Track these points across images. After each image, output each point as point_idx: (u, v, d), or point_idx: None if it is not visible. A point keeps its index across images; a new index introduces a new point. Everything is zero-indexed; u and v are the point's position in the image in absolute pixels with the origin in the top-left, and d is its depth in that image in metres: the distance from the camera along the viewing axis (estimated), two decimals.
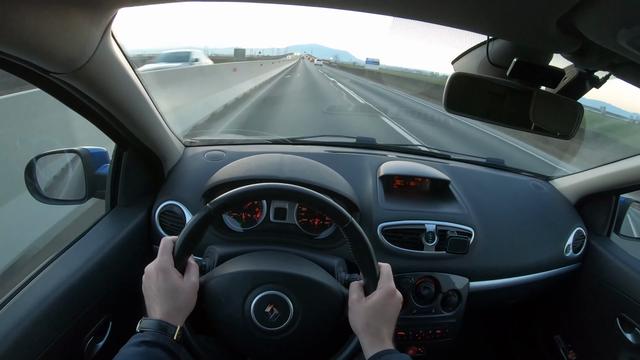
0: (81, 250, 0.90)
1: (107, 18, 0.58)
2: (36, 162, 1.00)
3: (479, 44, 0.68)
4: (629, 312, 1.15)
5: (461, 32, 0.54)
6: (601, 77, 0.66)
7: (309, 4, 0.48)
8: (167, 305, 0.66)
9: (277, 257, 0.89)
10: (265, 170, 1.05)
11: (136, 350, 0.59)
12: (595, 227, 1.33)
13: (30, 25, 0.47)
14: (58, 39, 0.52)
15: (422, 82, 21.69)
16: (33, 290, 0.77)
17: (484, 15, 0.44)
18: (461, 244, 1.06)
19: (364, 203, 1.11)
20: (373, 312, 0.69)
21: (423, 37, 0.57)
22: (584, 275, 1.30)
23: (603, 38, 0.43)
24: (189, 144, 1.27)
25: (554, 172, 1.51)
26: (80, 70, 0.60)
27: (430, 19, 0.45)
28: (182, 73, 6.74)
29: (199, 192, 1.06)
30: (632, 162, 1.14)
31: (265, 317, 0.73)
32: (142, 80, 0.83)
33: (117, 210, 1.05)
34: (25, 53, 0.52)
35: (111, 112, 0.78)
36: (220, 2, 0.51)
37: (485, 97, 0.68)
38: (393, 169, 1.23)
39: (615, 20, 0.38)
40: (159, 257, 0.69)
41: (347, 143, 1.48)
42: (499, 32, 0.54)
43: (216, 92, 7.34)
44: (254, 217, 1.09)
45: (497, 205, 1.24)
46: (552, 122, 0.70)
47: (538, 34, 0.46)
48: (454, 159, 1.48)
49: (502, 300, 1.26)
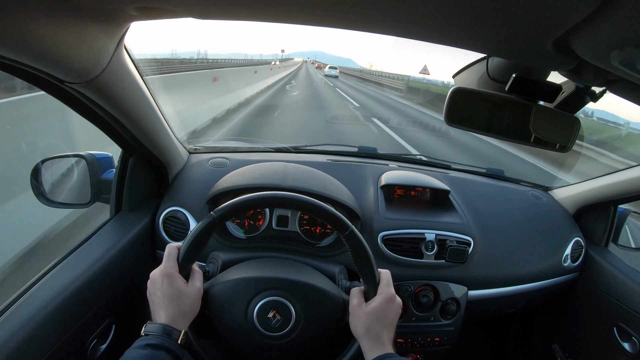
0: (86, 254, 0.92)
1: (120, 31, 0.61)
2: (42, 166, 1.02)
3: (479, 60, 0.70)
4: (627, 322, 1.16)
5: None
6: (598, 92, 0.67)
7: (312, 24, 0.50)
8: (171, 310, 0.67)
9: (279, 264, 0.90)
10: (269, 179, 1.06)
11: (141, 352, 0.61)
12: (594, 237, 1.34)
13: (49, 38, 0.49)
14: (74, 51, 0.54)
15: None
16: (38, 293, 0.78)
17: (482, 36, 0.45)
18: (460, 254, 1.07)
19: (365, 212, 1.12)
20: (373, 317, 0.71)
21: (426, 51, 0.59)
22: (582, 284, 1.31)
23: (597, 58, 0.45)
24: (193, 151, 1.29)
25: (553, 182, 1.53)
26: (94, 81, 0.62)
27: (430, 39, 0.47)
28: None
29: (203, 198, 1.07)
30: (631, 173, 1.16)
31: (268, 322, 0.74)
32: (150, 89, 0.85)
33: (122, 215, 1.06)
34: (43, 64, 0.54)
35: (120, 120, 0.80)
36: (227, 20, 0.53)
37: (485, 111, 0.69)
38: (394, 179, 1.25)
39: (608, 42, 0.40)
40: (164, 263, 0.70)
41: (349, 152, 1.50)
42: (498, 52, 0.56)
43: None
44: (257, 224, 1.11)
45: (496, 215, 1.26)
46: (551, 135, 0.71)
47: (535, 54, 0.48)
48: (454, 169, 1.50)
49: (500, 308, 1.27)
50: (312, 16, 0.49)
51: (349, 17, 0.46)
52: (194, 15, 0.52)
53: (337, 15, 0.47)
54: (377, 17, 0.44)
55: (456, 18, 0.41)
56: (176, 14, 0.53)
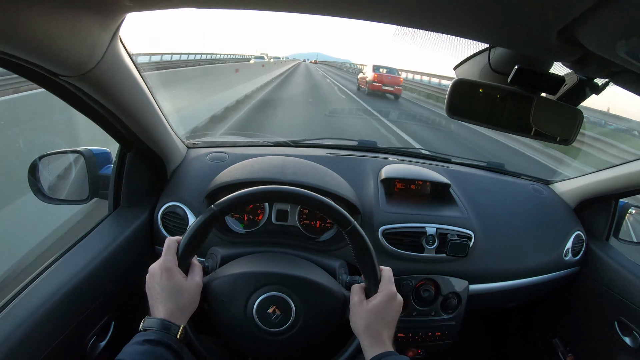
0: (84, 250, 0.91)
1: (115, 23, 0.59)
2: (39, 162, 1.01)
3: (481, 51, 0.69)
4: (628, 316, 1.15)
5: (463, 39, 0.55)
6: (601, 84, 0.66)
7: (312, 12, 0.49)
8: (170, 304, 0.66)
9: (279, 259, 0.89)
10: (268, 173, 1.05)
11: (139, 348, 0.60)
12: (595, 231, 1.34)
13: (41, 30, 0.47)
14: (68, 43, 0.53)
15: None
16: (36, 290, 0.78)
17: (485, 25, 0.44)
18: (461, 247, 1.07)
19: (365, 206, 1.12)
20: (374, 314, 0.70)
21: (426, 43, 0.58)
22: (582, 278, 1.31)
23: (602, 48, 0.44)
24: (191, 146, 1.28)
25: (554, 176, 1.52)
26: (88, 74, 0.61)
27: (433, 28, 0.46)
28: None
29: (202, 193, 1.07)
30: (632, 167, 1.15)
31: (268, 318, 0.73)
32: (147, 83, 0.84)
33: (120, 211, 1.06)
34: (36, 56, 0.53)
35: (117, 114, 0.79)
36: (226, 9, 0.52)
37: (487, 102, 0.69)
38: (394, 172, 1.24)
39: (615, 31, 0.39)
40: (163, 257, 0.69)
41: (349, 146, 1.49)
42: (501, 42, 0.55)
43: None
44: (256, 218, 1.10)
45: (497, 209, 1.25)
46: (552, 127, 0.70)
47: (539, 44, 0.47)
48: (455, 163, 1.49)
49: (501, 303, 1.27)
50: (312, 4, 0.48)
51: (349, 5, 0.45)
52: (191, 4, 0.51)
53: (337, 3, 0.46)
54: (379, 5, 0.43)
55: (459, 6, 0.40)
56: (172, 4, 0.52)
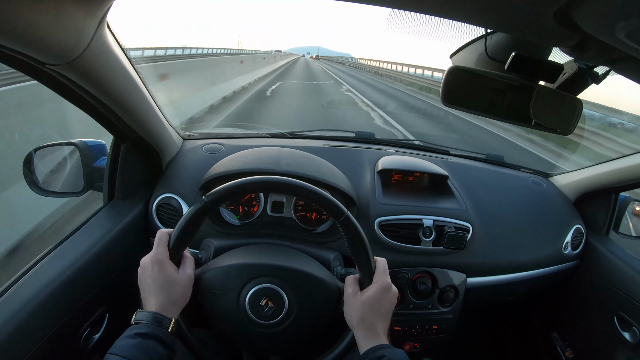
0: (78, 242, 0.90)
1: (101, 9, 0.58)
2: (34, 155, 1.00)
3: (477, 38, 0.67)
4: (627, 311, 1.15)
5: (459, 27, 0.53)
6: (601, 73, 0.65)
7: None
8: (162, 297, 0.66)
9: (273, 250, 0.89)
10: (262, 164, 1.04)
11: (131, 342, 0.60)
12: (595, 225, 1.32)
13: (24, 16, 0.46)
14: (52, 30, 0.51)
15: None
16: (30, 282, 0.77)
17: (480, 6, 0.43)
18: (459, 240, 1.06)
19: (362, 197, 1.11)
20: (368, 306, 0.69)
21: (419, 30, 0.57)
22: (582, 273, 1.30)
23: (601, 31, 0.43)
24: (187, 137, 1.27)
25: (554, 169, 1.50)
26: (75, 62, 0.60)
27: (427, 11, 0.45)
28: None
29: (197, 185, 1.06)
30: (632, 160, 1.13)
31: (260, 310, 0.73)
32: (139, 73, 0.83)
33: (115, 203, 1.05)
34: (19, 44, 0.51)
35: (108, 104, 0.78)
36: None
37: (484, 91, 0.67)
38: (391, 164, 1.23)
39: (614, 12, 0.37)
40: (155, 249, 0.69)
41: (346, 137, 1.48)
42: (496, 25, 0.53)
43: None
44: (252, 210, 1.09)
45: (495, 201, 1.24)
46: (552, 117, 0.69)
47: (535, 27, 0.46)
48: (453, 154, 1.47)
49: (499, 296, 1.26)
50: None
51: None
52: None
53: None
54: None
55: None
56: None
